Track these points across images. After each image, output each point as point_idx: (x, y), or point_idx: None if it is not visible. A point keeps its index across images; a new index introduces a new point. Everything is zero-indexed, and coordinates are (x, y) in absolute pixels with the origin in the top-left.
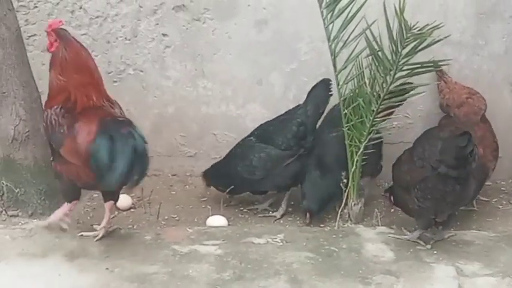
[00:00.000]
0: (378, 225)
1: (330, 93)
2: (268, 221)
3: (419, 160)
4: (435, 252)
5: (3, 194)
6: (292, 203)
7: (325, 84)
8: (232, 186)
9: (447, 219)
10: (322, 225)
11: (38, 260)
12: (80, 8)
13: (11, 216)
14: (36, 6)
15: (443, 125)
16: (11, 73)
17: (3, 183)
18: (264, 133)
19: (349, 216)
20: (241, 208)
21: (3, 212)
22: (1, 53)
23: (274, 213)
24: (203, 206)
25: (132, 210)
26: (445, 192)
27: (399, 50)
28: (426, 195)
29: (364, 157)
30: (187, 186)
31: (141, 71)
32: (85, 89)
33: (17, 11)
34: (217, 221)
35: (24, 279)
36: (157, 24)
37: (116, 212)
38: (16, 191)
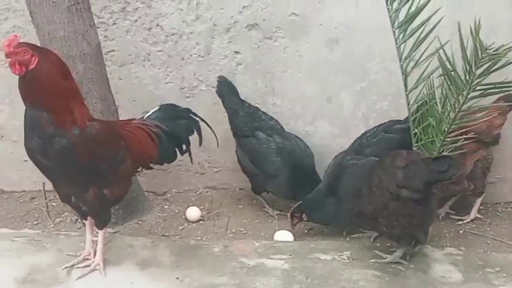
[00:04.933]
0: (447, 246)
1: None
2: (334, 237)
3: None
4: (504, 275)
5: None
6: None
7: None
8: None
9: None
10: (389, 244)
11: (113, 267)
12: (157, 25)
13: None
14: (115, 23)
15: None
16: (91, 87)
17: None
18: None
19: None
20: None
21: (79, 220)
22: (82, 68)
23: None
24: (269, 221)
25: (201, 222)
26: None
27: (473, 70)
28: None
29: None
30: (254, 201)
31: (213, 87)
32: None
33: (97, 27)
34: (284, 236)
35: (100, 286)
36: (230, 42)
37: (186, 224)
38: None
